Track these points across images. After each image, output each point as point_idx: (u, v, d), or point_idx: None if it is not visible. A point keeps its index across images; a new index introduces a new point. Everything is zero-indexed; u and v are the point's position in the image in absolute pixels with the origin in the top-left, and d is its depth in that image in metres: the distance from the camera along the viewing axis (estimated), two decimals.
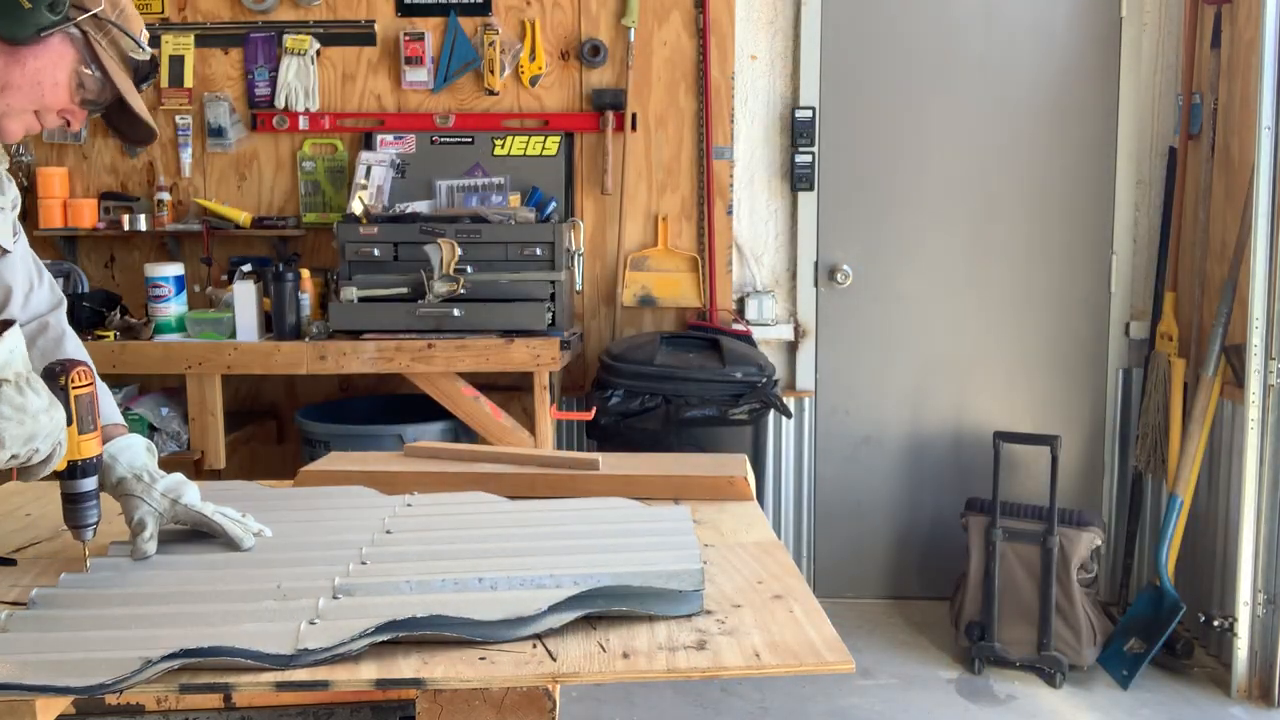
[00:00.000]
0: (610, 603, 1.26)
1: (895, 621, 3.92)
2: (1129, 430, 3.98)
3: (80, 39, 1.43)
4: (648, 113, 3.92)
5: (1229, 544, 3.37)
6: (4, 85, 1.41)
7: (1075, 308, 4.01)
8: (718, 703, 3.27)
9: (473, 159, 3.88)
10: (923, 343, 4.04)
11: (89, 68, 1.44)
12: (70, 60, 1.43)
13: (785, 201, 4.00)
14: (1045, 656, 3.39)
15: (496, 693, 1.11)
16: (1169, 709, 3.23)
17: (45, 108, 1.45)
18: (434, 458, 1.99)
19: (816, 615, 1.28)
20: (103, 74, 1.45)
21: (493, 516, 1.64)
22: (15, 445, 1.22)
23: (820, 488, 4.10)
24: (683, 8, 3.88)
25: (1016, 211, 3.98)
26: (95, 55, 1.44)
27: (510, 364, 3.33)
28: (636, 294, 3.97)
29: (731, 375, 3.41)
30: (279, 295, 3.38)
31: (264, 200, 3.98)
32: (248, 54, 3.90)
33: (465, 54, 3.87)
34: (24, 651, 1.14)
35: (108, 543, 1.49)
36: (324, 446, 3.41)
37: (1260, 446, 3.22)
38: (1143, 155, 3.92)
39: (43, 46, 1.40)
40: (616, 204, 3.93)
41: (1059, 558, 3.38)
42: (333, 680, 1.10)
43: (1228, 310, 3.36)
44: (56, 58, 1.42)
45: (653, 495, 1.80)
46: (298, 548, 1.48)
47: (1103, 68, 3.91)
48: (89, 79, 1.45)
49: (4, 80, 1.40)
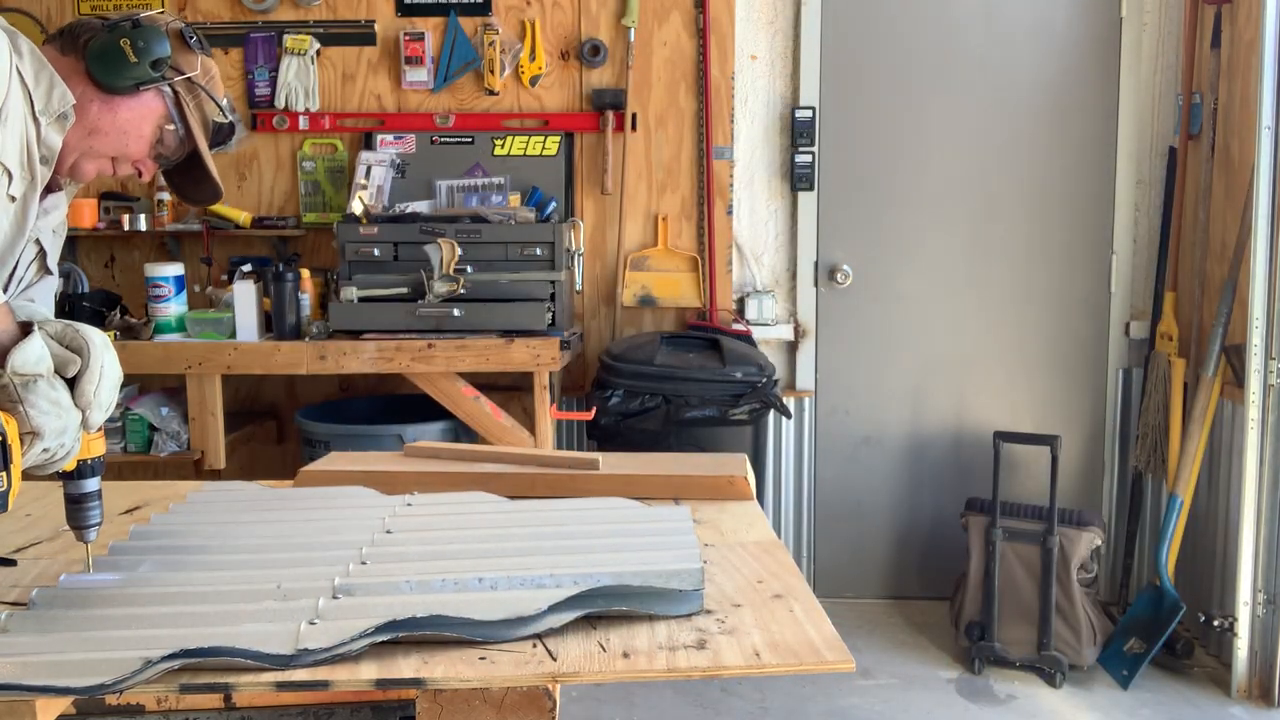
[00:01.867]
0: (610, 602, 1.27)
1: (895, 621, 3.92)
2: (1129, 430, 3.98)
3: (171, 97, 1.54)
4: (648, 113, 3.92)
5: (1229, 544, 3.37)
6: (93, 129, 1.51)
7: (1075, 308, 4.01)
8: (718, 702, 3.27)
9: (473, 159, 3.88)
10: (923, 343, 4.04)
11: (174, 125, 1.55)
12: (158, 116, 1.54)
13: (785, 201, 4.00)
14: (1045, 656, 3.39)
15: (496, 693, 1.12)
16: (1169, 709, 3.23)
17: (124, 156, 1.55)
18: (434, 458, 1.99)
19: (816, 615, 1.28)
20: (186, 133, 1.56)
21: (493, 516, 1.64)
22: (51, 438, 1.23)
23: (820, 488, 4.10)
24: (683, 8, 3.88)
25: (1016, 211, 3.98)
26: (183, 114, 1.55)
27: (510, 364, 3.33)
28: (636, 294, 3.97)
29: (731, 375, 3.41)
30: (279, 295, 3.38)
31: (264, 200, 3.98)
32: (248, 54, 3.91)
33: (465, 54, 3.87)
34: (24, 652, 1.14)
35: (108, 543, 1.49)
36: (324, 446, 3.41)
37: (1260, 446, 3.22)
38: (1143, 155, 3.92)
39: (136, 100, 1.52)
40: (616, 204, 3.93)
41: (1059, 558, 3.38)
42: (333, 680, 1.10)
43: (1228, 310, 3.36)
44: (147, 111, 1.53)
45: (653, 495, 1.80)
46: (298, 548, 1.48)
47: (1103, 68, 3.91)
48: (170, 135, 1.56)
49: (94, 125, 1.51)
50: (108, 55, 1.48)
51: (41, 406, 1.22)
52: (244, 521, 1.62)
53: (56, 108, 1.43)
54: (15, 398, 1.21)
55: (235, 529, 1.58)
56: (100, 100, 1.50)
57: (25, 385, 1.21)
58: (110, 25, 1.51)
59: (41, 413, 1.22)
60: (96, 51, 1.49)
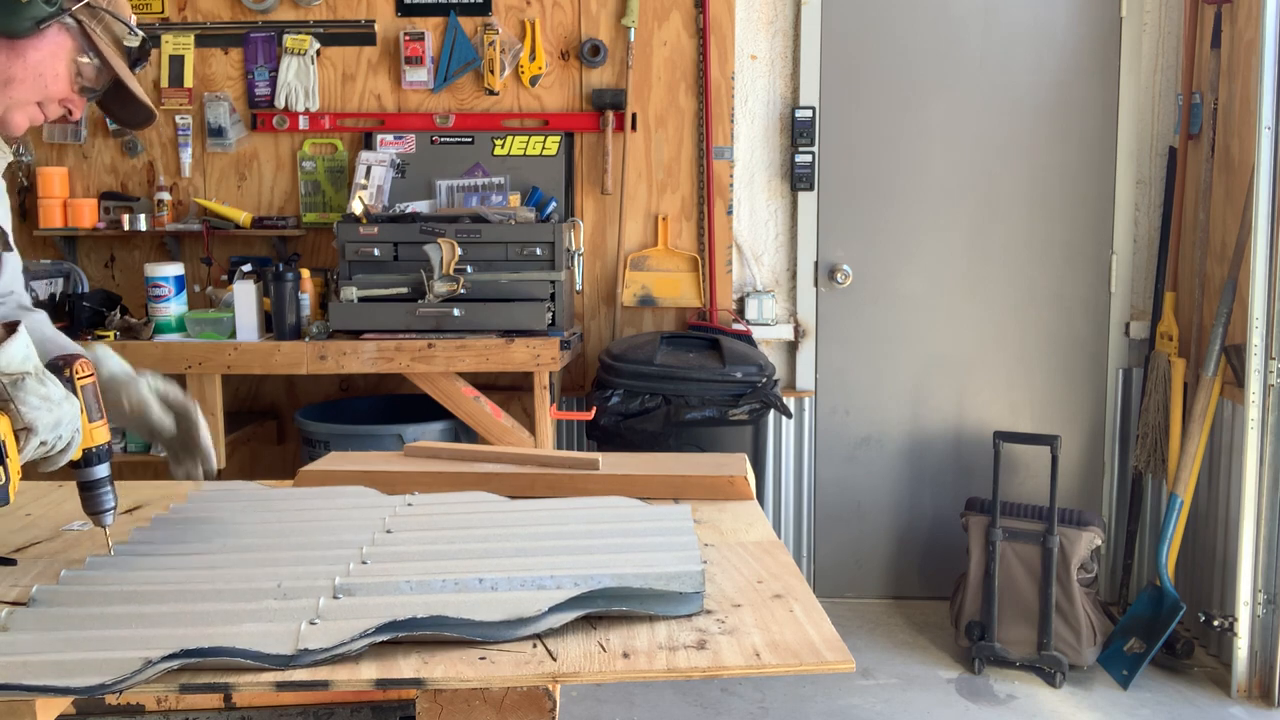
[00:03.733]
0: (610, 603, 1.26)
1: (895, 621, 3.92)
2: (1129, 430, 3.98)
3: (76, 28, 1.48)
4: (648, 113, 3.92)
5: (1229, 544, 3.38)
6: (7, 80, 1.45)
7: (1075, 308, 4.01)
8: (718, 702, 3.27)
9: (473, 159, 3.88)
10: (923, 343, 4.04)
11: (87, 55, 1.49)
12: (68, 50, 1.48)
13: (785, 201, 4.00)
14: (1045, 656, 3.39)
15: (496, 693, 1.11)
16: (1169, 709, 3.23)
17: (48, 98, 1.50)
18: (434, 458, 1.99)
19: (817, 615, 1.28)
20: (100, 60, 1.50)
21: (493, 516, 1.64)
22: (45, 432, 1.27)
23: (820, 488, 4.10)
24: (683, 8, 3.88)
25: (1016, 211, 3.98)
26: (92, 43, 1.49)
27: (510, 364, 3.33)
28: (636, 294, 3.97)
29: (731, 375, 3.41)
30: (279, 295, 3.38)
31: (264, 200, 3.98)
32: (248, 54, 3.91)
33: (465, 54, 3.87)
34: (24, 651, 1.14)
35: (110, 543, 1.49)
36: (324, 446, 3.41)
37: (1260, 446, 3.22)
38: (1143, 155, 3.92)
39: (41, 38, 1.45)
40: (616, 204, 3.93)
41: (1059, 557, 3.38)
42: (333, 680, 1.10)
43: (1228, 310, 3.36)
44: (55, 48, 1.47)
45: (653, 495, 1.80)
46: (298, 548, 1.48)
47: (1103, 68, 3.91)
48: (87, 67, 1.50)
49: (7, 74, 1.45)
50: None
51: (31, 403, 1.26)
52: (244, 521, 1.62)
53: None
54: (5, 396, 1.25)
55: (235, 529, 1.58)
56: (5, 48, 1.44)
57: (14, 384, 1.26)
58: None
59: (32, 408, 1.26)
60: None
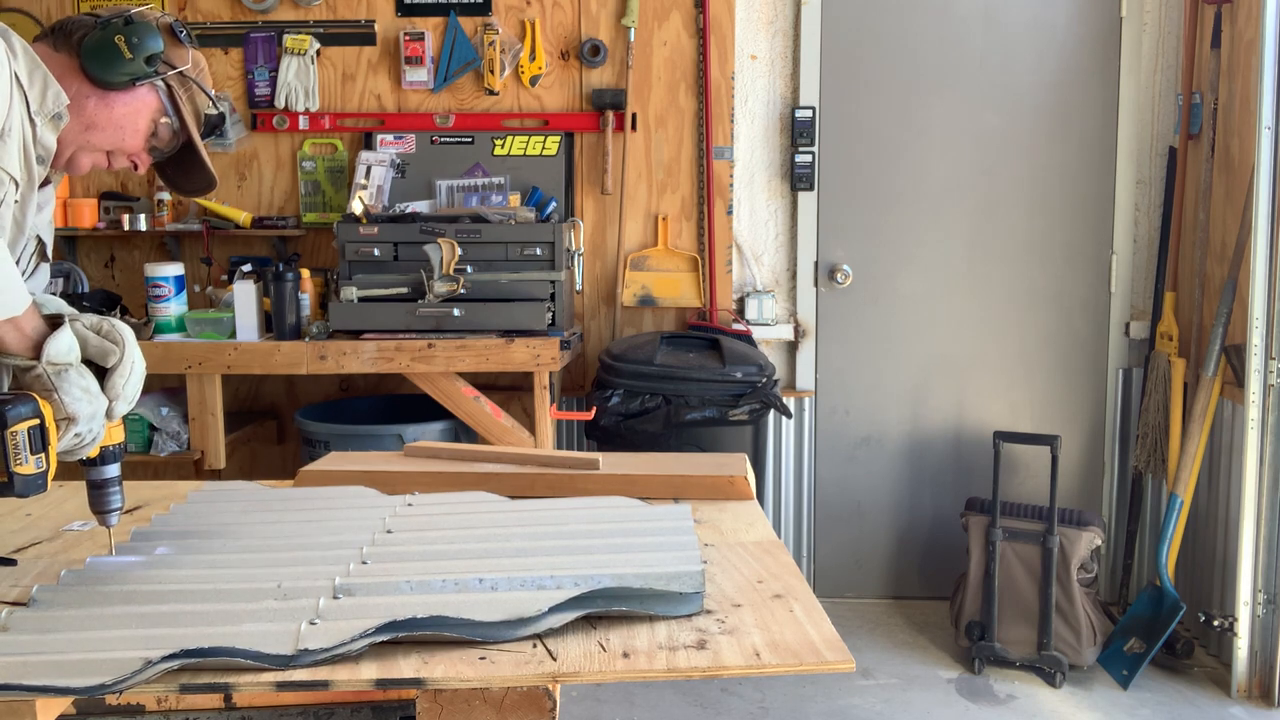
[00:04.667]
0: (610, 603, 1.26)
1: (895, 621, 3.92)
2: (1129, 430, 3.98)
3: (164, 90, 1.58)
4: (648, 113, 3.92)
5: (1229, 544, 3.37)
6: (90, 125, 1.54)
7: (1075, 308, 4.01)
8: (718, 702, 3.27)
9: (473, 159, 3.88)
10: (923, 343, 4.04)
11: (168, 117, 1.59)
12: (153, 109, 1.58)
13: (785, 201, 4.00)
14: (1045, 656, 3.39)
15: (497, 692, 1.11)
16: (1169, 709, 3.23)
17: (119, 149, 1.58)
18: (434, 458, 1.99)
19: (816, 614, 1.28)
20: (180, 124, 1.60)
21: (493, 516, 1.64)
22: (84, 423, 1.32)
23: (820, 488, 4.10)
24: (683, 8, 3.88)
25: (1016, 211, 3.98)
26: (176, 107, 1.59)
27: (510, 364, 3.33)
28: (636, 294, 3.97)
29: (731, 375, 3.41)
30: (279, 295, 3.38)
31: (264, 200, 3.98)
32: (248, 54, 3.91)
33: (465, 54, 3.87)
34: (24, 651, 1.14)
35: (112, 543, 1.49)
36: (324, 446, 3.41)
37: (1260, 446, 3.22)
38: (1143, 155, 3.92)
39: (131, 94, 1.55)
40: (616, 204, 3.93)
41: (1059, 557, 3.38)
42: (333, 680, 1.10)
43: (1228, 310, 3.36)
44: (142, 105, 1.56)
45: (653, 495, 1.80)
46: (298, 547, 1.48)
47: (1103, 68, 3.91)
48: (164, 128, 1.60)
49: (91, 120, 1.53)
50: (103, 52, 1.51)
51: (74, 394, 1.31)
52: (244, 521, 1.62)
53: (51, 108, 1.45)
54: (50, 386, 1.30)
55: (235, 529, 1.58)
56: (96, 96, 1.52)
57: (58, 374, 1.30)
58: (103, 22, 1.53)
59: (75, 399, 1.31)
60: (91, 48, 1.51)
